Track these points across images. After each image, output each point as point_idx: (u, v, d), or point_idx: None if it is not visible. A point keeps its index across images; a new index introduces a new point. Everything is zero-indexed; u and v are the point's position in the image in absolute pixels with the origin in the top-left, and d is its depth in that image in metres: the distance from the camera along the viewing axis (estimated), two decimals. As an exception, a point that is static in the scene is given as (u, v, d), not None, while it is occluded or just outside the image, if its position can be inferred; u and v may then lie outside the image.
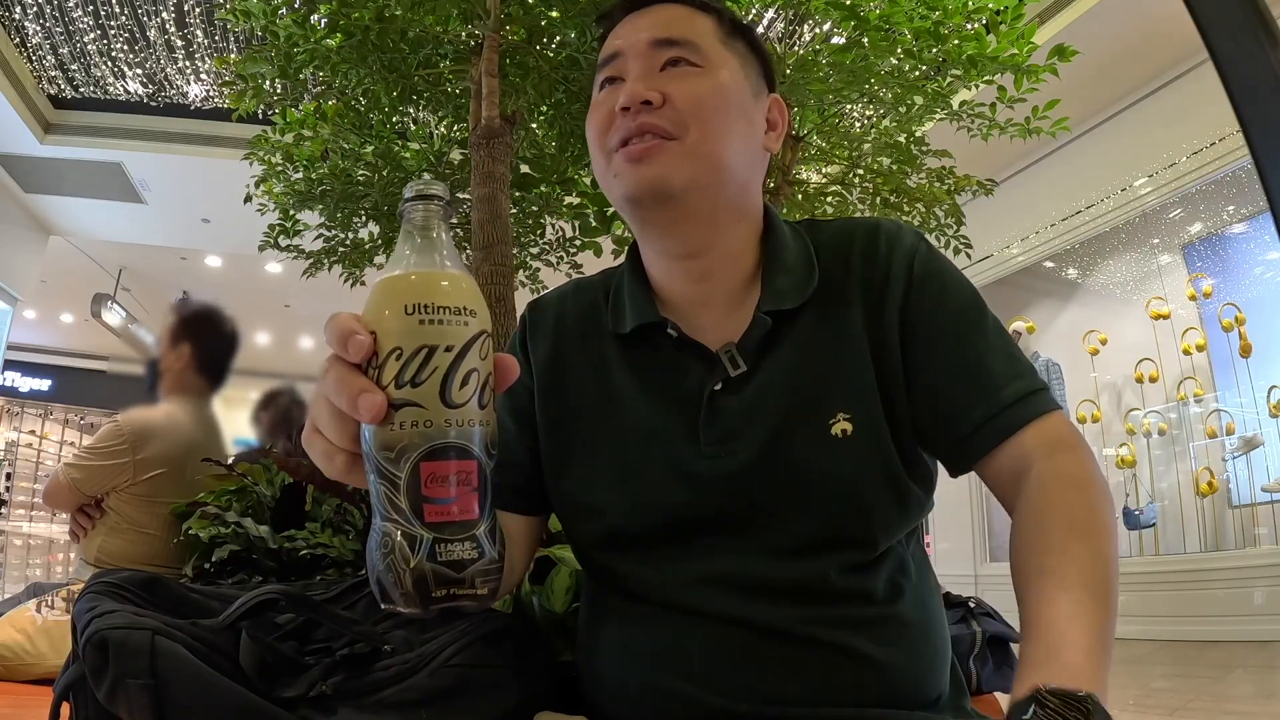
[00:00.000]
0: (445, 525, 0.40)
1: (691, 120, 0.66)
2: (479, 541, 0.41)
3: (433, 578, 0.39)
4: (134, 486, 1.83)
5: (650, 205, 0.66)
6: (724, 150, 0.67)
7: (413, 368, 0.40)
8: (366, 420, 0.40)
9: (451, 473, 0.40)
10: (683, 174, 0.65)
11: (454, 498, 0.40)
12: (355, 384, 0.41)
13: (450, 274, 0.42)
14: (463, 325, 0.41)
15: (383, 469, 0.40)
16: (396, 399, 0.40)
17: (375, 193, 2.52)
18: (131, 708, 0.52)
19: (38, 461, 9.30)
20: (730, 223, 0.70)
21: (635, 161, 0.66)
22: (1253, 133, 0.89)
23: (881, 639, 0.62)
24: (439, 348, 0.40)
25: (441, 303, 0.41)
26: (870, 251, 0.70)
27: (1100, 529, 0.56)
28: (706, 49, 0.69)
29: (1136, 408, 5.25)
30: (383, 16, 2.01)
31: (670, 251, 0.71)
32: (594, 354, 0.73)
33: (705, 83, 0.67)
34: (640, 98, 0.66)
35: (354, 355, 0.41)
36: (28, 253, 6.56)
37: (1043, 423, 0.62)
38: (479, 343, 0.42)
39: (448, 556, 0.40)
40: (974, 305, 0.67)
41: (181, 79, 4.94)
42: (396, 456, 0.40)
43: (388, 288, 0.42)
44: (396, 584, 0.40)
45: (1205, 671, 3.46)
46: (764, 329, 0.67)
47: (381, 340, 0.41)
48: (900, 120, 2.51)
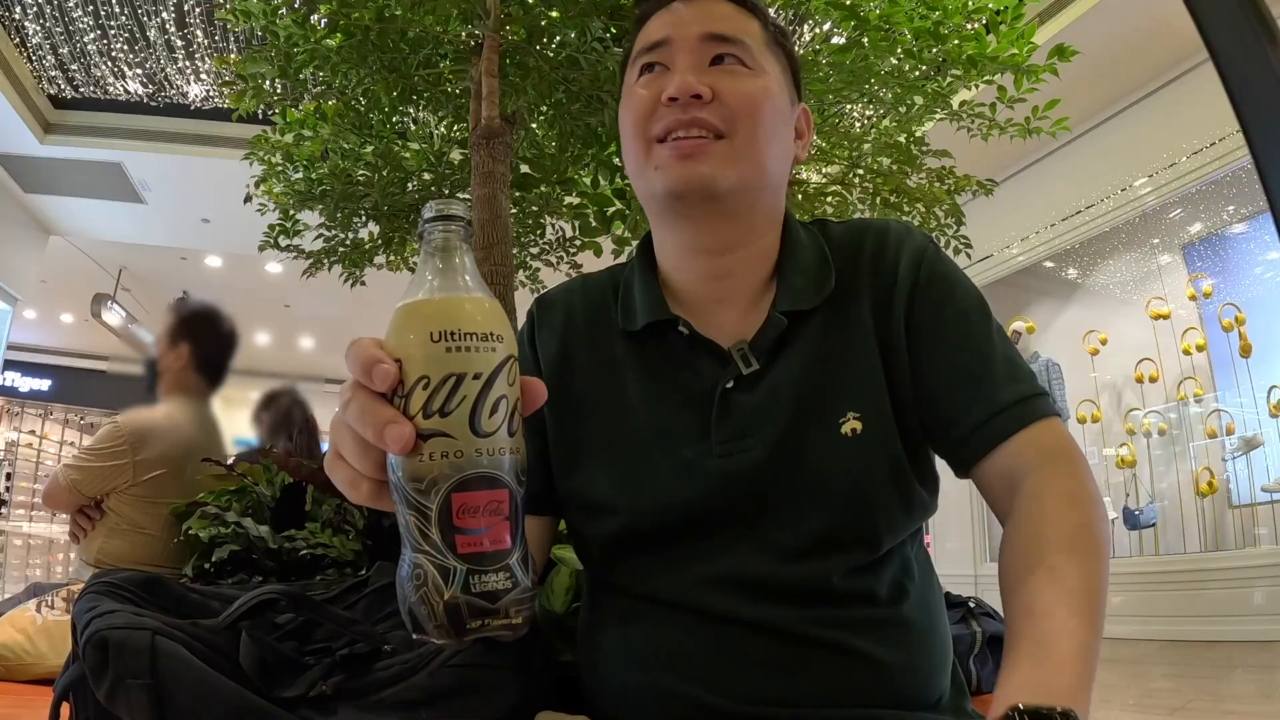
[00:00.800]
0: (478, 556, 0.39)
1: (741, 121, 0.66)
2: (512, 571, 0.40)
3: (467, 609, 0.39)
4: (134, 487, 1.83)
5: (694, 202, 0.66)
6: (767, 154, 0.67)
7: (441, 397, 0.39)
8: (395, 452, 0.40)
9: (483, 503, 0.39)
10: (729, 175, 0.65)
11: (486, 528, 0.39)
12: (382, 415, 0.40)
13: (475, 298, 0.41)
14: (490, 351, 0.40)
15: (412, 500, 0.39)
16: (425, 429, 0.39)
17: (375, 193, 2.51)
18: (131, 708, 0.52)
19: (38, 461, 9.31)
20: (762, 224, 0.71)
21: (684, 157, 0.65)
22: (1253, 133, 0.89)
23: (885, 640, 0.62)
24: (467, 375, 0.39)
25: (468, 329, 0.40)
26: (880, 252, 0.70)
27: (1094, 548, 0.55)
28: (755, 52, 0.69)
29: (1136, 408, 5.25)
30: (383, 16, 2.00)
31: (699, 247, 0.70)
32: (603, 351, 0.73)
33: (756, 84, 0.67)
34: (692, 90, 0.65)
35: (380, 385, 0.40)
36: (28, 253, 6.56)
37: (1038, 428, 0.62)
38: (506, 368, 0.41)
39: (481, 588, 0.39)
40: (978, 309, 0.68)
41: (181, 79, 4.94)
42: (426, 488, 0.39)
43: (412, 313, 0.41)
44: (430, 616, 0.39)
45: (1205, 671, 3.46)
46: (779, 328, 0.67)
47: (407, 368, 0.40)
48: (900, 120, 2.50)
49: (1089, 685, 0.48)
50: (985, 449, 0.63)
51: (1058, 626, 0.50)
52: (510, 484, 0.41)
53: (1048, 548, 0.55)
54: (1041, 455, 0.61)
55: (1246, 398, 4.64)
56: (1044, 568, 0.54)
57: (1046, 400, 0.64)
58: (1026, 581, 0.54)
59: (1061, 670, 0.47)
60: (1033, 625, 0.51)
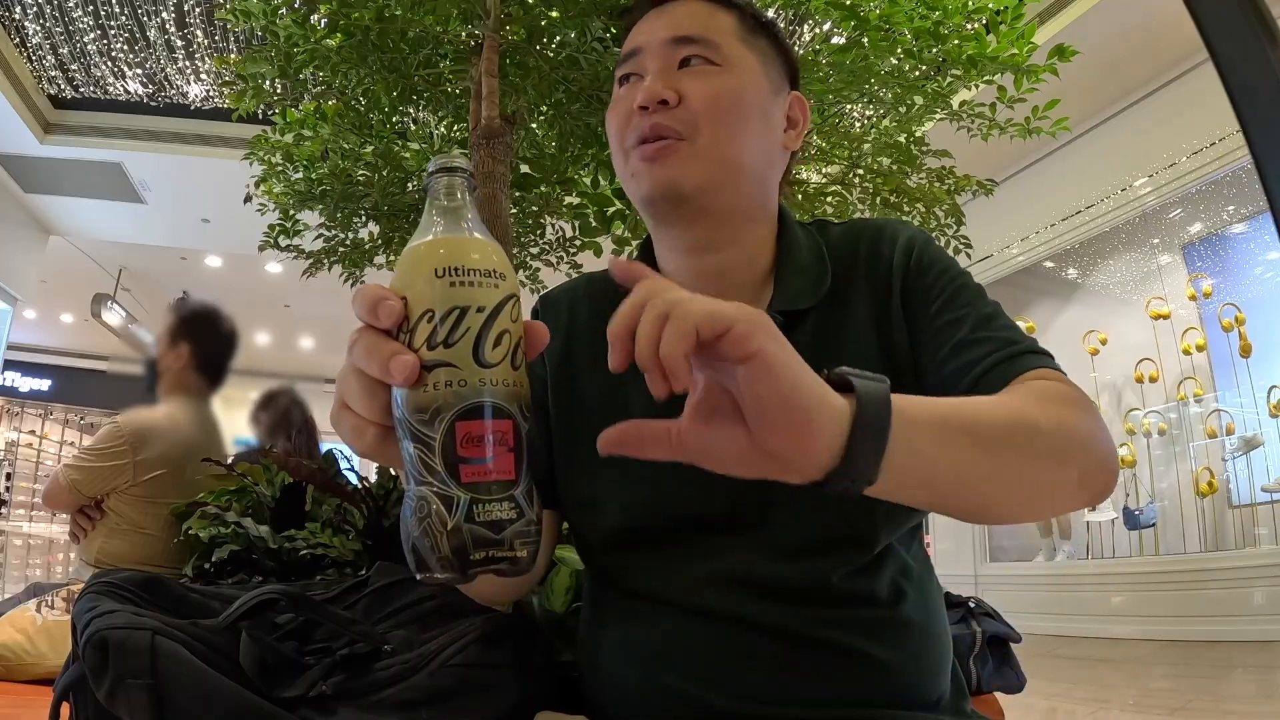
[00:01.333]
0: (482, 485, 0.39)
1: (704, 121, 0.66)
2: (517, 502, 0.40)
3: (471, 539, 0.39)
4: (134, 487, 1.83)
5: (664, 205, 0.68)
6: (738, 151, 0.68)
7: (445, 328, 0.40)
8: (399, 382, 0.40)
9: (487, 432, 0.40)
10: (694, 175, 0.66)
11: (490, 457, 0.40)
12: (387, 348, 0.40)
13: (477, 239, 0.43)
14: (493, 287, 0.41)
15: (417, 432, 0.40)
16: (429, 360, 0.40)
17: (375, 193, 2.52)
18: (131, 708, 0.52)
19: (38, 461, 9.31)
20: (747, 221, 0.71)
21: (649, 161, 0.67)
22: (1253, 133, 0.89)
23: (885, 640, 0.62)
24: (470, 308, 0.40)
25: (471, 265, 0.41)
26: (875, 250, 0.71)
27: (1088, 431, 0.55)
28: (725, 47, 0.69)
29: (1136, 408, 5.25)
30: (383, 16, 2.01)
31: (686, 247, 0.71)
32: (605, 348, 0.73)
33: (720, 82, 0.68)
34: (656, 97, 0.66)
35: (385, 320, 0.41)
36: (28, 253, 6.56)
37: (1044, 374, 0.60)
38: (509, 305, 0.42)
39: (486, 517, 0.39)
40: (971, 286, 0.68)
41: (181, 79, 4.95)
42: (430, 418, 0.39)
43: (416, 254, 0.42)
44: (434, 549, 0.39)
45: (1205, 671, 3.46)
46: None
47: (412, 305, 0.41)
48: (900, 120, 2.51)
49: (928, 418, 0.47)
50: (995, 387, 0.61)
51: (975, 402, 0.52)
52: (515, 415, 0.41)
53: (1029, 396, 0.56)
54: (1049, 388, 0.59)
55: (1246, 398, 4.64)
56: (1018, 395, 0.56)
57: (1051, 359, 0.63)
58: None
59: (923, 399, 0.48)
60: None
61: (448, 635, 0.65)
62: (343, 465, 1.43)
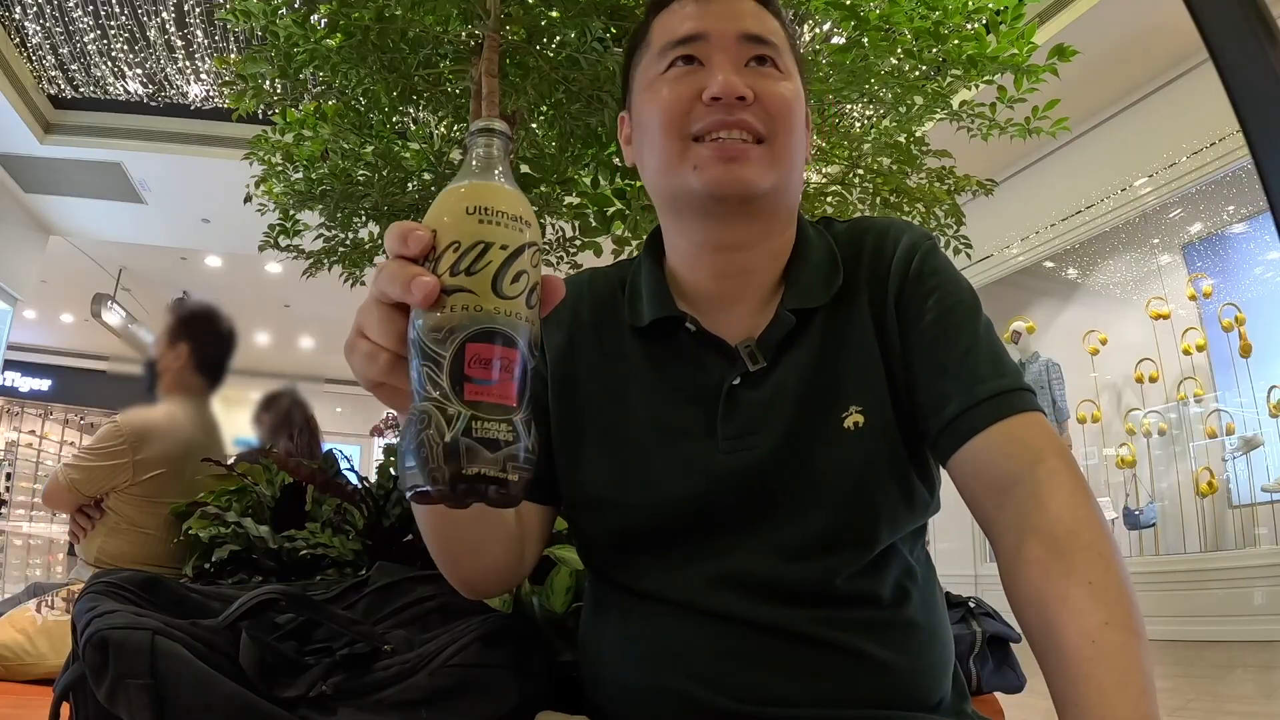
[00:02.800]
0: (483, 405, 0.41)
1: (779, 125, 0.67)
2: (515, 426, 0.42)
3: (465, 452, 0.40)
4: (133, 487, 1.83)
5: (733, 204, 0.66)
6: (798, 156, 0.69)
7: (469, 259, 0.42)
8: (418, 300, 0.41)
9: (495, 356, 0.41)
10: (769, 178, 0.66)
11: (495, 380, 0.41)
12: (411, 270, 0.42)
13: (507, 189, 0.45)
14: (518, 231, 0.43)
15: (428, 350, 0.41)
16: (450, 285, 0.42)
17: (375, 193, 2.51)
18: (131, 708, 0.52)
19: (38, 461, 9.31)
20: (783, 223, 0.72)
21: (728, 160, 0.65)
22: (1253, 133, 0.89)
23: (888, 642, 0.62)
24: (494, 244, 0.42)
25: (501, 208, 0.43)
26: (879, 249, 0.71)
27: (1112, 554, 0.54)
28: (784, 54, 0.70)
29: (1136, 408, 5.25)
30: (383, 16, 2.00)
31: (720, 245, 0.70)
32: (609, 345, 0.73)
33: (790, 88, 0.68)
34: (738, 91, 0.65)
35: (414, 247, 0.43)
36: (28, 253, 6.56)
37: (1016, 422, 0.60)
38: (530, 251, 0.44)
39: (483, 433, 0.40)
40: (966, 305, 0.67)
41: (181, 79, 4.94)
42: (443, 337, 0.41)
43: (449, 194, 0.45)
44: (428, 460, 0.40)
45: (1205, 671, 3.46)
46: (786, 326, 0.67)
47: (441, 237, 0.43)
48: (900, 120, 2.50)
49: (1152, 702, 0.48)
50: (961, 440, 0.62)
51: (1112, 669, 0.50)
52: (523, 348, 0.43)
53: (1069, 574, 0.54)
54: (1027, 454, 0.59)
55: (1246, 398, 4.64)
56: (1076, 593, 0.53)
57: (1027, 395, 0.63)
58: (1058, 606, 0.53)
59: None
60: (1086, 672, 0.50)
61: (448, 635, 0.65)
62: (343, 465, 1.43)
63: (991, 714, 0.99)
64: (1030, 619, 0.55)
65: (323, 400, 10.34)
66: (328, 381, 10.47)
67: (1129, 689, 0.48)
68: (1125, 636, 0.50)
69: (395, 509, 1.19)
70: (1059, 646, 0.51)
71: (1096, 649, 0.50)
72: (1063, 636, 0.51)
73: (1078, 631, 0.51)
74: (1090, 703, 0.49)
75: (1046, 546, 0.55)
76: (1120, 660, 0.49)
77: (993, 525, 0.60)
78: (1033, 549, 0.56)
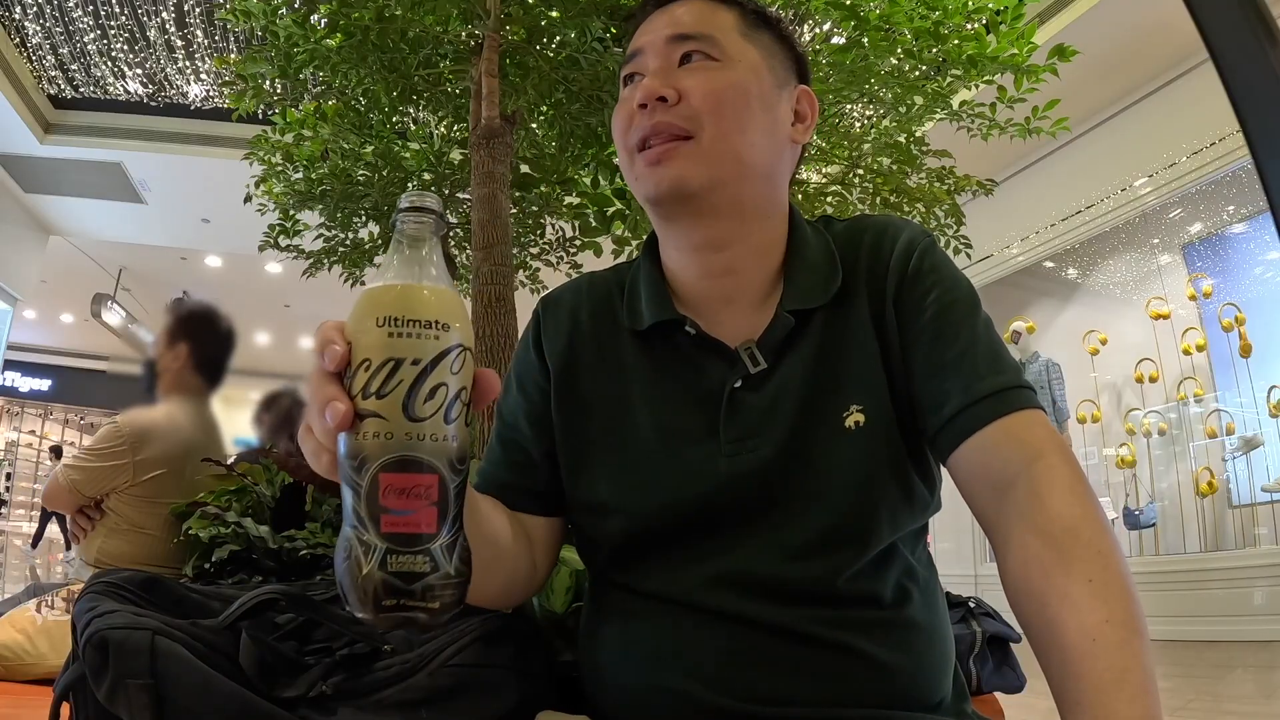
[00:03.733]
0: (399, 536, 0.40)
1: (706, 117, 0.66)
2: (432, 556, 0.41)
3: (382, 586, 0.40)
4: (134, 487, 1.83)
5: (672, 204, 0.67)
6: (743, 145, 0.67)
7: (379, 379, 0.41)
8: (332, 428, 0.41)
9: (409, 485, 0.40)
10: (700, 174, 0.66)
11: (410, 510, 0.40)
12: (326, 392, 0.42)
13: (426, 288, 0.43)
14: (433, 339, 0.41)
15: (349, 476, 0.41)
16: (362, 409, 0.41)
17: (375, 193, 2.51)
18: (131, 708, 0.52)
19: (38, 461, 9.31)
20: (755, 217, 0.70)
21: (654, 164, 0.66)
22: (1253, 133, 0.89)
23: (889, 642, 0.62)
24: (405, 361, 0.41)
25: (412, 316, 0.41)
26: (877, 246, 0.70)
27: (1112, 551, 0.54)
28: (725, 43, 0.69)
29: (1136, 408, 5.25)
30: (383, 16, 2.00)
31: (694, 245, 0.70)
32: (609, 350, 0.73)
33: (721, 77, 0.67)
34: (655, 94, 0.66)
35: (329, 364, 0.42)
36: (28, 253, 6.56)
37: (1016, 419, 0.60)
38: (450, 357, 0.42)
39: (398, 567, 0.40)
40: (965, 302, 0.67)
41: (181, 79, 4.94)
42: (359, 465, 0.41)
43: (365, 299, 0.43)
44: (352, 588, 0.40)
45: (1205, 671, 3.46)
46: (786, 328, 0.67)
47: (355, 351, 0.42)
48: (900, 120, 2.50)
49: (1154, 701, 0.48)
50: (960, 437, 0.62)
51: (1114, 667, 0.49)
52: (442, 470, 0.42)
53: (1069, 577, 0.53)
54: (1027, 453, 0.59)
55: (1246, 398, 4.64)
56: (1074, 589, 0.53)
57: (1027, 393, 0.62)
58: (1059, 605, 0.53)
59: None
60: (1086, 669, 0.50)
61: (448, 635, 0.65)
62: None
63: (991, 714, 0.99)
64: (1030, 616, 0.55)
65: (323, 400, 10.29)
66: (328, 381, 10.44)
67: (1128, 686, 0.48)
68: (1125, 634, 0.50)
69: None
70: (1058, 644, 0.51)
71: (1096, 646, 0.50)
72: (1062, 634, 0.51)
73: (1077, 629, 0.51)
74: (1089, 700, 0.49)
75: (1046, 544, 0.55)
76: (1119, 657, 0.49)
77: (992, 523, 0.60)
78: (1032, 546, 0.56)
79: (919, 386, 0.65)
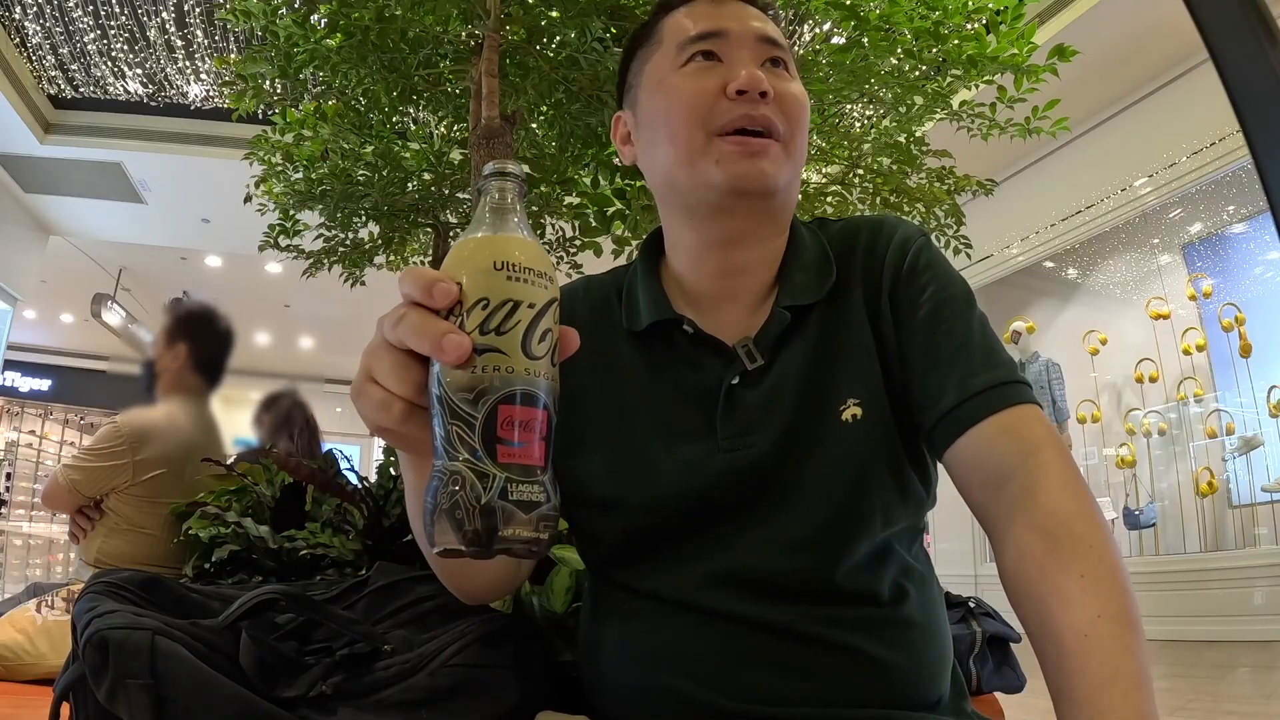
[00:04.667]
0: (516, 467, 0.41)
1: (795, 124, 0.69)
2: (544, 486, 0.42)
3: (502, 515, 0.40)
4: (133, 487, 1.83)
5: (753, 198, 0.68)
6: (804, 157, 0.71)
7: (499, 317, 0.42)
8: (450, 360, 0.41)
9: (525, 418, 0.42)
10: (784, 175, 0.68)
11: (524, 442, 0.42)
12: (440, 326, 0.42)
13: (531, 242, 0.46)
14: (544, 288, 0.44)
15: (457, 409, 0.42)
16: (480, 344, 0.42)
17: (375, 193, 2.51)
18: (131, 708, 0.52)
19: (38, 461, 9.30)
20: (786, 223, 0.73)
21: (752, 155, 0.66)
22: (1253, 133, 0.89)
23: (886, 640, 0.62)
24: (523, 303, 0.43)
25: (528, 264, 0.44)
26: (872, 244, 0.72)
27: (1106, 545, 0.54)
28: (792, 60, 0.72)
29: (1136, 408, 5.25)
30: (383, 16, 2.00)
31: (727, 240, 0.70)
32: (606, 351, 0.74)
33: (801, 90, 0.70)
34: (763, 86, 0.66)
35: (440, 300, 0.42)
36: (28, 253, 6.56)
37: (1010, 415, 0.61)
38: (553, 307, 0.45)
39: (518, 496, 0.41)
40: (960, 298, 0.68)
41: (181, 79, 4.94)
42: (475, 399, 0.41)
43: (474, 245, 0.45)
44: (463, 521, 0.40)
45: (1205, 671, 3.46)
46: (782, 324, 0.68)
47: (467, 291, 0.43)
48: (900, 120, 2.50)
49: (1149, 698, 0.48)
50: (955, 433, 0.62)
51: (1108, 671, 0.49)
52: (549, 407, 0.44)
53: (1064, 575, 0.53)
54: (1022, 448, 0.59)
55: (1246, 398, 4.64)
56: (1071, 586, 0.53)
57: (1022, 388, 0.63)
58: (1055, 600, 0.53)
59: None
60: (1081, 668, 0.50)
61: (448, 635, 0.65)
62: (343, 465, 1.43)
63: (991, 714, 0.99)
64: (1026, 612, 0.55)
65: (323, 400, 10.34)
66: (328, 381, 10.46)
67: (1120, 681, 0.48)
68: (1118, 629, 0.50)
69: (395, 509, 1.19)
70: (1053, 640, 0.52)
71: (1089, 642, 0.50)
72: (1056, 629, 0.52)
73: (1070, 624, 0.51)
74: (1082, 696, 0.49)
75: (1040, 540, 0.55)
76: (1113, 653, 0.49)
77: (988, 518, 0.61)
78: (1027, 542, 0.56)
79: (914, 381, 0.66)
